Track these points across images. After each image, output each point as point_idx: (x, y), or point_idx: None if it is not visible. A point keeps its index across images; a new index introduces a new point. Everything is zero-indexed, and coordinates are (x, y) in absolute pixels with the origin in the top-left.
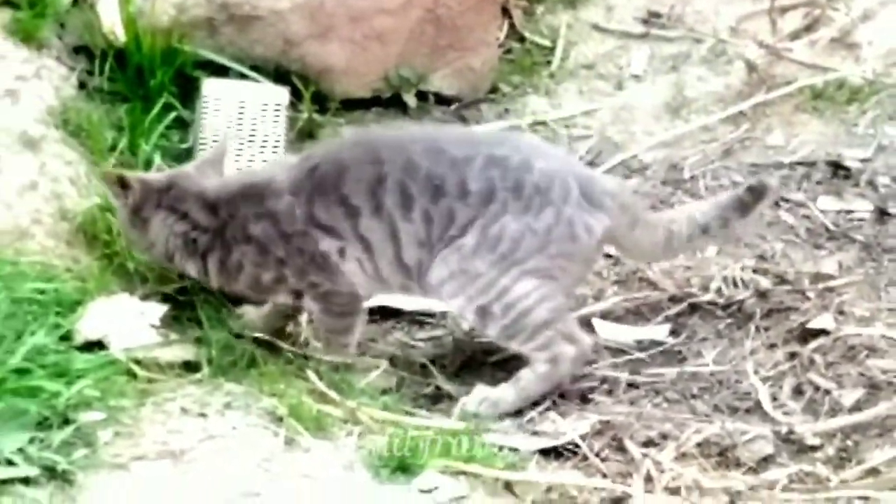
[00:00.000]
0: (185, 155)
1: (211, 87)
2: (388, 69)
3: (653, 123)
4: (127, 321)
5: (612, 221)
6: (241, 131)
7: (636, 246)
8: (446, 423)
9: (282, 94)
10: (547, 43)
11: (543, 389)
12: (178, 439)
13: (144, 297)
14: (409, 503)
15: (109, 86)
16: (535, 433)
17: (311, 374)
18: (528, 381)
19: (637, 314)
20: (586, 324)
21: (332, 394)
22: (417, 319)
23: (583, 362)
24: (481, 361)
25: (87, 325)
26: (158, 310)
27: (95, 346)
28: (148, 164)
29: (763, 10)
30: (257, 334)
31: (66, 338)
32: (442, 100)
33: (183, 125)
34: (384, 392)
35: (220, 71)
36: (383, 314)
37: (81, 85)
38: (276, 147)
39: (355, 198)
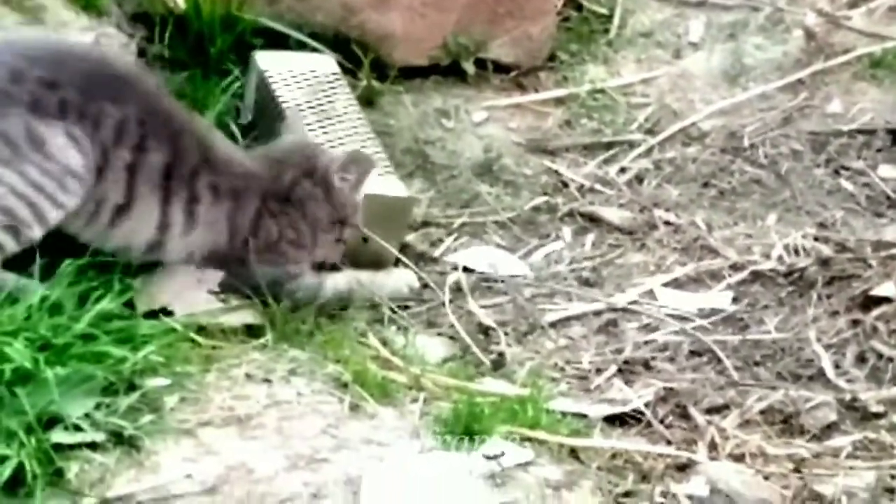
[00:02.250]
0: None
1: (266, 59)
2: (447, 37)
3: (711, 91)
4: (186, 288)
5: None
6: (319, 101)
7: None
8: (511, 389)
9: (330, 62)
10: (604, 11)
11: None
12: (243, 405)
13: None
14: (475, 469)
15: (170, 53)
16: (600, 400)
17: (374, 341)
18: None
19: (699, 282)
20: (648, 292)
21: (397, 360)
22: (480, 286)
23: None
24: (543, 326)
25: (149, 292)
26: (215, 276)
27: (159, 312)
28: None
29: None
30: None
31: (129, 304)
32: (500, 67)
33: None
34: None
35: (279, 38)
36: None
37: (141, 52)
38: (351, 116)
39: None
